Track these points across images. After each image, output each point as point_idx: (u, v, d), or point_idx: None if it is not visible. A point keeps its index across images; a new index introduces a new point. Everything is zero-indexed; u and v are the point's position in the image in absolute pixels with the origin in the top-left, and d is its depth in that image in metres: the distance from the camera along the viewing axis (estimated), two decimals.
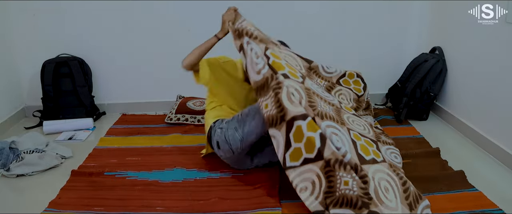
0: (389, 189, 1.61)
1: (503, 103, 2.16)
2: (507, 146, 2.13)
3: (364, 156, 1.67)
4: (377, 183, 1.59)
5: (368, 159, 1.67)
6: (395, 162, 1.86)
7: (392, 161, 1.84)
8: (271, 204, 1.77)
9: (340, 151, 1.60)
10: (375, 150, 1.78)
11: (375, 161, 1.69)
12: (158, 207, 1.78)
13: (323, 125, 1.68)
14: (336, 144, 1.61)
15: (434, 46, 2.84)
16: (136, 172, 2.09)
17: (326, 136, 1.63)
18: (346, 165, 1.59)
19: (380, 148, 1.84)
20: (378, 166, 1.68)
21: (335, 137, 1.64)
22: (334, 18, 2.95)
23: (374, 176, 1.62)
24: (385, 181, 1.63)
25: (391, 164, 1.79)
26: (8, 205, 1.86)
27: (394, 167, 1.77)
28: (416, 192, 1.68)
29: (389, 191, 1.60)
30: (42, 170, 2.12)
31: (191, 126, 2.71)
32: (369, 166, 1.64)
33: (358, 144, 1.73)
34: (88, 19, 2.83)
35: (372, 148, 1.78)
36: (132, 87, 3.04)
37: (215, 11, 2.86)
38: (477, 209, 1.72)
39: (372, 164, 1.66)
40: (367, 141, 1.82)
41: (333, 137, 1.63)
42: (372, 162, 1.67)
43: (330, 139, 1.62)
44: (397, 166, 1.83)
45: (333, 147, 1.61)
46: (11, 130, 2.73)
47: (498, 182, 1.99)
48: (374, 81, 2.86)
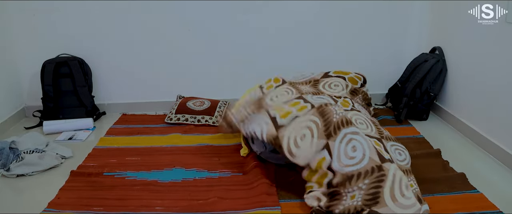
0: (409, 187, 1.61)
1: (503, 104, 2.16)
2: (507, 146, 2.13)
3: (384, 155, 1.69)
4: (398, 179, 1.60)
5: (387, 158, 1.69)
6: (399, 162, 1.85)
7: (398, 161, 1.83)
8: (270, 203, 1.77)
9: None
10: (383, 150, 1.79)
11: (392, 160, 1.71)
12: (157, 207, 1.78)
13: (337, 140, 1.76)
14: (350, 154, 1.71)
15: (434, 46, 2.84)
16: (135, 172, 2.09)
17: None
18: (353, 177, 1.64)
19: (386, 146, 1.85)
20: (395, 165, 1.69)
21: (351, 150, 1.72)
22: (334, 18, 2.95)
23: (396, 172, 1.63)
24: (406, 179, 1.64)
25: (398, 164, 1.78)
26: (7, 205, 1.86)
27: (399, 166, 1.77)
28: (419, 195, 1.68)
29: (409, 189, 1.60)
30: (42, 170, 2.12)
31: (191, 126, 2.71)
32: (389, 163, 1.66)
33: (377, 148, 1.75)
34: (88, 19, 2.83)
35: (379, 148, 1.78)
36: (132, 87, 3.04)
37: (215, 11, 2.88)
38: (478, 211, 1.72)
39: (392, 163, 1.68)
40: (375, 142, 1.83)
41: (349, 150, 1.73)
42: (391, 161, 1.69)
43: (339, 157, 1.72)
44: (401, 167, 1.82)
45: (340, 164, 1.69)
46: (11, 130, 2.73)
47: (498, 182, 1.99)
48: (374, 81, 2.86)
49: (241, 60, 3.02)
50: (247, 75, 3.06)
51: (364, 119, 2.05)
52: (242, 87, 3.09)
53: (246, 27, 2.93)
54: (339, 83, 2.44)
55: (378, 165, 1.64)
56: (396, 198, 1.54)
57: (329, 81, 2.43)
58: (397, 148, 1.93)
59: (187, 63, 3.00)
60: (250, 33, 2.95)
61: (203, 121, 2.75)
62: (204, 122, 2.75)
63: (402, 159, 1.87)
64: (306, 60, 3.04)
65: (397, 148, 1.94)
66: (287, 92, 2.25)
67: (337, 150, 1.74)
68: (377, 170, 1.62)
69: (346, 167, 1.68)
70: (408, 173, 1.79)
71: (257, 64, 3.03)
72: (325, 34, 2.99)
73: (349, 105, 2.17)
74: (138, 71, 3.00)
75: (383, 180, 1.58)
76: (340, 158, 1.71)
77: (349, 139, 1.75)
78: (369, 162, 1.65)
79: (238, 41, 2.97)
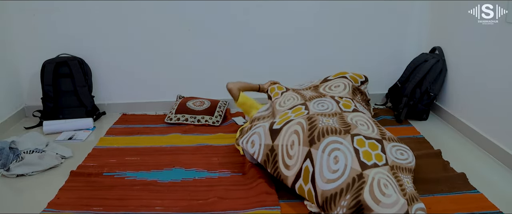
0: (388, 185, 1.62)
1: (503, 104, 2.16)
2: (507, 146, 2.13)
3: (366, 162, 1.71)
4: (376, 181, 1.61)
5: (370, 164, 1.70)
6: (400, 160, 1.85)
7: (397, 159, 1.83)
8: (270, 203, 1.77)
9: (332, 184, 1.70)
10: (379, 153, 1.78)
11: (376, 165, 1.71)
12: (157, 206, 1.79)
13: (320, 149, 1.79)
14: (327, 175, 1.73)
15: (434, 46, 2.83)
16: (135, 172, 2.09)
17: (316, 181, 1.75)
18: (336, 196, 1.66)
19: (385, 148, 1.85)
20: (379, 169, 1.69)
21: (332, 162, 1.74)
22: (334, 18, 2.94)
23: (375, 176, 1.64)
24: (384, 179, 1.64)
25: (395, 165, 1.78)
26: (7, 205, 1.86)
27: (396, 169, 1.77)
28: (413, 194, 1.68)
29: (388, 186, 1.61)
30: (42, 170, 2.12)
31: (191, 126, 2.71)
32: (371, 170, 1.67)
33: (361, 152, 1.76)
34: (88, 19, 2.83)
35: (376, 152, 1.78)
36: (132, 87, 3.04)
37: (215, 11, 2.88)
38: (478, 211, 1.72)
39: (374, 168, 1.69)
40: (372, 144, 1.83)
41: (331, 164, 1.74)
42: (374, 166, 1.70)
43: (321, 172, 1.75)
44: (401, 165, 1.82)
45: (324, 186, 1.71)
46: (11, 130, 2.73)
47: (499, 182, 1.99)
48: (374, 81, 2.86)
49: (241, 60, 3.02)
50: (247, 75, 3.06)
51: (366, 120, 2.05)
52: None
53: (246, 27, 2.93)
54: (340, 83, 2.45)
55: (358, 174, 1.66)
56: (379, 199, 1.54)
57: (329, 84, 2.47)
58: (399, 149, 1.93)
59: (187, 63, 3.00)
60: (250, 33, 2.95)
61: (203, 121, 2.75)
62: (204, 122, 2.75)
63: (404, 158, 1.87)
64: (306, 60, 3.04)
65: (399, 148, 1.94)
66: (293, 98, 2.31)
67: (319, 161, 1.76)
68: (357, 179, 1.64)
69: (328, 183, 1.69)
70: (406, 171, 1.79)
71: (257, 64, 3.03)
72: (325, 34, 2.99)
73: (351, 107, 2.17)
74: (138, 71, 3.00)
75: (362, 188, 1.59)
76: (322, 171, 1.73)
77: (332, 149, 1.76)
78: (350, 173, 1.67)
79: (238, 41, 2.97)
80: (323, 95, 2.31)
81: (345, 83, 2.46)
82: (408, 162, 1.86)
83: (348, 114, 2.05)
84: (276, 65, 3.04)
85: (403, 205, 1.52)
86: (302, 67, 3.05)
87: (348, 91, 2.42)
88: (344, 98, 2.26)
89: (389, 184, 1.62)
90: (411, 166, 1.85)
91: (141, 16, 2.85)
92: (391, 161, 1.77)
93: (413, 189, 1.71)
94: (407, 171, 1.80)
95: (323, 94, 2.33)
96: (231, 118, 2.86)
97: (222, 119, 2.81)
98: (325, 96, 2.28)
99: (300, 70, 3.04)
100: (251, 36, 2.96)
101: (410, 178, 1.77)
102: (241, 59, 3.02)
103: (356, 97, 2.47)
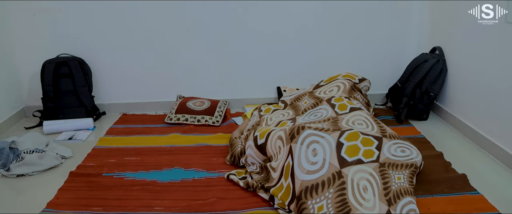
0: (368, 187, 1.64)
1: (503, 104, 2.16)
2: (507, 146, 2.12)
3: (346, 158, 1.73)
4: (355, 184, 1.65)
5: (351, 160, 1.72)
6: (397, 157, 1.85)
7: (394, 157, 1.82)
8: (269, 203, 1.78)
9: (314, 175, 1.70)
10: (372, 149, 1.79)
11: (360, 161, 1.72)
12: (157, 207, 1.79)
13: (298, 142, 1.81)
14: (311, 159, 1.73)
15: (434, 46, 2.83)
16: (135, 172, 2.09)
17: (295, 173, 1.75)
18: (318, 186, 1.66)
19: (383, 145, 1.85)
20: (362, 166, 1.71)
21: (311, 154, 1.75)
22: (334, 19, 2.94)
23: (354, 177, 1.67)
24: (365, 181, 1.67)
25: (388, 162, 1.78)
26: (7, 205, 1.86)
27: (387, 166, 1.77)
28: (402, 189, 1.69)
29: (367, 190, 1.63)
30: (42, 170, 2.13)
31: (191, 126, 2.71)
32: (349, 167, 1.69)
33: (345, 146, 1.78)
34: (88, 19, 2.83)
35: (368, 148, 1.79)
36: (132, 87, 3.04)
37: (215, 11, 2.87)
38: (477, 212, 1.71)
39: (355, 165, 1.71)
40: (367, 140, 1.83)
41: (309, 155, 1.75)
42: (355, 163, 1.72)
43: (300, 162, 1.75)
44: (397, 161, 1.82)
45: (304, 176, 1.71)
46: (11, 130, 2.73)
47: (498, 183, 1.99)
48: (374, 81, 2.86)
49: (241, 60, 3.02)
50: (247, 75, 3.06)
51: (364, 118, 2.06)
52: (242, 87, 3.11)
53: (246, 27, 2.93)
54: (334, 86, 2.50)
55: (337, 171, 1.68)
56: (360, 202, 1.60)
57: (324, 89, 2.52)
58: (400, 146, 1.93)
59: (187, 63, 3.00)
60: (250, 33, 2.95)
61: (203, 121, 2.75)
62: (204, 122, 2.75)
63: (405, 155, 1.87)
64: (307, 60, 3.04)
65: (400, 145, 1.93)
66: (283, 115, 2.38)
67: (298, 153, 1.78)
68: (337, 177, 1.67)
69: (308, 174, 1.70)
70: (403, 167, 1.79)
71: (257, 64, 3.03)
72: (325, 34, 2.99)
73: (348, 107, 2.18)
74: (138, 71, 3.00)
75: (344, 188, 1.64)
76: (301, 162, 1.74)
77: (310, 141, 1.79)
78: (329, 168, 1.69)
79: (238, 41, 2.96)
80: (320, 101, 2.36)
81: (339, 85, 2.49)
82: (409, 158, 1.85)
83: (345, 116, 2.08)
84: (276, 65, 3.04)
85: (381, 208, 1.59)
86: (302, 67, 3.05)
87: (344, 89, 2.43)
88: (340, 99, 2.29)
89: (369, 186, 1.65)
90: (412, 161, 1.84)
91: (141, 16, 2.85)
92: (385, 158, 1.78)
93: (406, 184, 1.72)
94: (405, 167, 1.80)
95: (320, 98, 2.39)
96: (231, 118, 2.86)
97: (222, 119, 2.81)
98: (322, 103, 2.33)
99: (300, 70, 3.04)
100: (251, 36, 2.96)
101: (406, 173, 1.77)
102: (241, 59, 3.02)
103: (355, 94, 2.48)
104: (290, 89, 3.03)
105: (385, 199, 1.63)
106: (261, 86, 3.09)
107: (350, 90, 2.48)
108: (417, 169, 1.86)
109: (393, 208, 1.60)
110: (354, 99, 2.40)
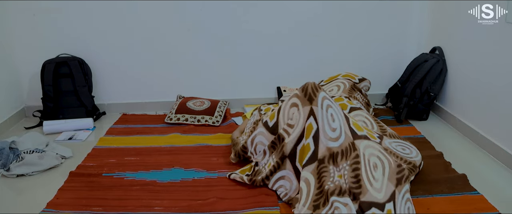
0: (378, 165, 1.64)
1: (503, 104, 2.16)
2: (507, 146, 2.12)
3: (356, 131, 1.73)
4: (367, 160, 1.65)
5: (360, 134, 1.73)
6: (399, 152, 1.85)
7: (397, 151, 1.83)
8: (269, 203, 1.78)
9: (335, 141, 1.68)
10: (374, 135, 1.79)
11: (367, 137, 1.73)
12: (157, 207, 1.79)
13: (319, 106, 1.76)
14: (332, 125, 1.70)
15: (434, 46, 2.83)
16: (134, 172, 2.09)
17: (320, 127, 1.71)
18: (338, 155, 1.66)
19: (383, 142, 1.85)
20: (370, 143, 1.72)
21: (330, 119, 1.72)
22: (334, 19, 2.94)
23: (365, 152, 1.67)
24: (376, 158, 1.66)
25: (391, 151, 1.78)
26: (7, 205, 1.86)
27: (396, 154, 1.77)
28: (408, 176, 1.70)
29: (377, 168, 1.62)
30: (42, 170, 2.13)
31: (191, 126, 2.71)
32: (360, 141, 1.70)
33: (351, 120, 1.79)
34: (88, 19, 2.83)
35: (371, 133, 1.80)
36: (132, 87, 3.04)
37: (215, 11, 2.88)
38: (476, 213, 1.71)
39: (364, 139, 1.72)
40: (369, 132, 1.84)
41: (329, 123, 1.72)
42: (364, 138, 1.73)
43: (323, 127, 1.71)
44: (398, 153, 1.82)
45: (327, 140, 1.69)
46: (11, 130, 2.73)
47: (498, 183, 1.99)
48: (374, 81, 2.86)
49: (241, 60, 3.02)
50: (247, 75, 3.06)
51: (364, 117, 2.06)
52: (242, 87, 3.11)
53: (246, 27, 2.93)
54: (334, 86, 2.49)
55: (351, 142, 1.70)
56: (371, 181, 1.60)
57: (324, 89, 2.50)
58: (400, 144, 1.93)
59: (187, 63, 3.00)
60: (250, 33, 2.95)
61: (203, 121, 2.75)
62: (204, 122, 2.75)
63: (406, 153, 1.87)
64: (307, 60, 3.04)
65: (400, 144, 1.93)
66: None
67: (321, 117, 1.75)
68: (352, 148, 1.68)
69: (330, 141, 1.71)
70: (402, 160, 1.80)
71: (257, 64, 3.03)
72: (325, 34, 2.99)
73: (347, 107, 2.18)
74: (138, 71, 3.00)
75: (358, 162, 1.65)
76: (324, 128, 1.73)
77: (327, 105, 1.78)
78: (346, 138, 1.71)
79: (238, 41, 2.97)
80: None
81: (339, 84, 2.49)
82: (409, 157, 1.86)
83: None
84: (276, 65, 3.04)
85: (388, 189, 1.58)
86: (302, 67, 3.05)
87: (344, 89, 2.43)
88: (340, 99, 2.28)
89: (379, 164, 1.65)
90: (412, 160, 1.85)
91: (141, 16, 2.85)
92: (387, 145, 1.78)
93: (405, 172, 1.72)
94: (404, 161, 1.80)
95: None
96: (231, 118, 2.86)
97: (222, 119, 2.81)
98: None
99: (300, 70, 3.04)
100: (251, 36, 2.96)
101: (407, 166, 1.78)
102: (241, 59, 3.02)
103: (355, 93, 2.48)
104: (290, 89, 3.03)
105: (395, 178, 1.63)
106: (261, 86, 3.09)
107: (350, 90, 2.48)
108: (416, 168, 1.86)
109: (398, 189, 1.60)
110: (354, 99, 2.40)
